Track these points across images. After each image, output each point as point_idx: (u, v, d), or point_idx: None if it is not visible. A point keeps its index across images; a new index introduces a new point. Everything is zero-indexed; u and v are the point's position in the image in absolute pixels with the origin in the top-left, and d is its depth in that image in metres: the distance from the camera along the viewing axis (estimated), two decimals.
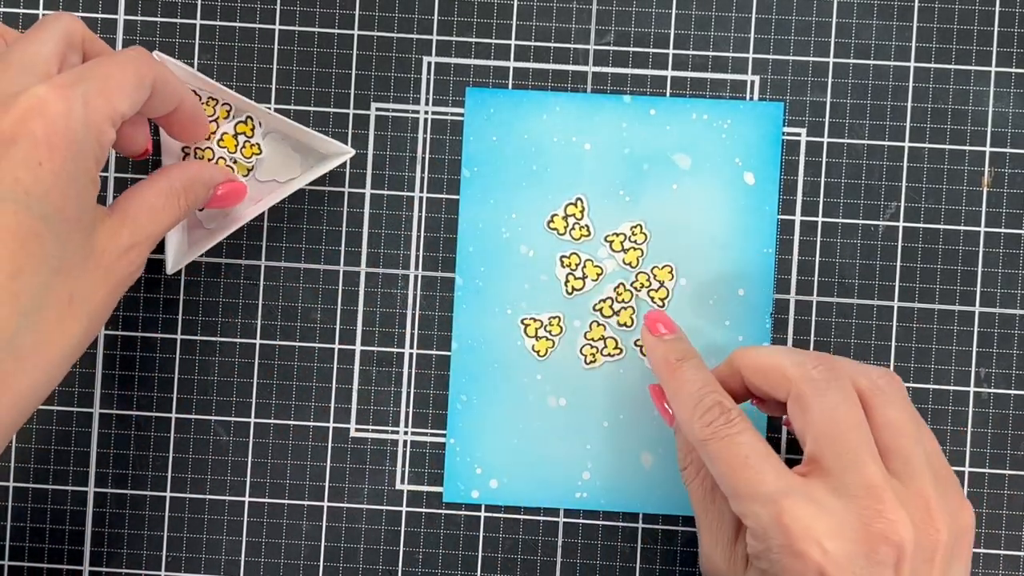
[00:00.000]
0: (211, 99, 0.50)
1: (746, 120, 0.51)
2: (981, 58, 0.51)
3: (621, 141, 0.51)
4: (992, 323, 0.51)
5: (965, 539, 0.42)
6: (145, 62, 0.42)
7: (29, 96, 0.38)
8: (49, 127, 0.38)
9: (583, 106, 0.51)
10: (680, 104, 0.51)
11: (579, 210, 0.51)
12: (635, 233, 0.51)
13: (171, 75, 0.44)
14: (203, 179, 0.46)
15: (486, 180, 0.51)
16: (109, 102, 0.40)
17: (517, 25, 0.51)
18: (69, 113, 0.38)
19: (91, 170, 0.40)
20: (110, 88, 0.40)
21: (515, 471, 0.50)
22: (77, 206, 0.39)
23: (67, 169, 0.38)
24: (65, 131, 0.38)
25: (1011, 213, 0.51)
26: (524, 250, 0.51)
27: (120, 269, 0.42)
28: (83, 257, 0.40)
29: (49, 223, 0.38)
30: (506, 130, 0.51)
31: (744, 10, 0.51)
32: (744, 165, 0.51)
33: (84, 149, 0.39)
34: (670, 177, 0.51)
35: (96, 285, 0.41)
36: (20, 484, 0.51)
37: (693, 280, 0.50)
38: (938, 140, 0.51)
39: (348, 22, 0.51)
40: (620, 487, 0.50)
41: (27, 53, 0.40)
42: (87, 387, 0.51)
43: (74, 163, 0.38)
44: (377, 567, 0.51)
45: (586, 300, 0.51)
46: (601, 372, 0.50)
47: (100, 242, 0.41)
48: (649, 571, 0.51)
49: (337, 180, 0.51)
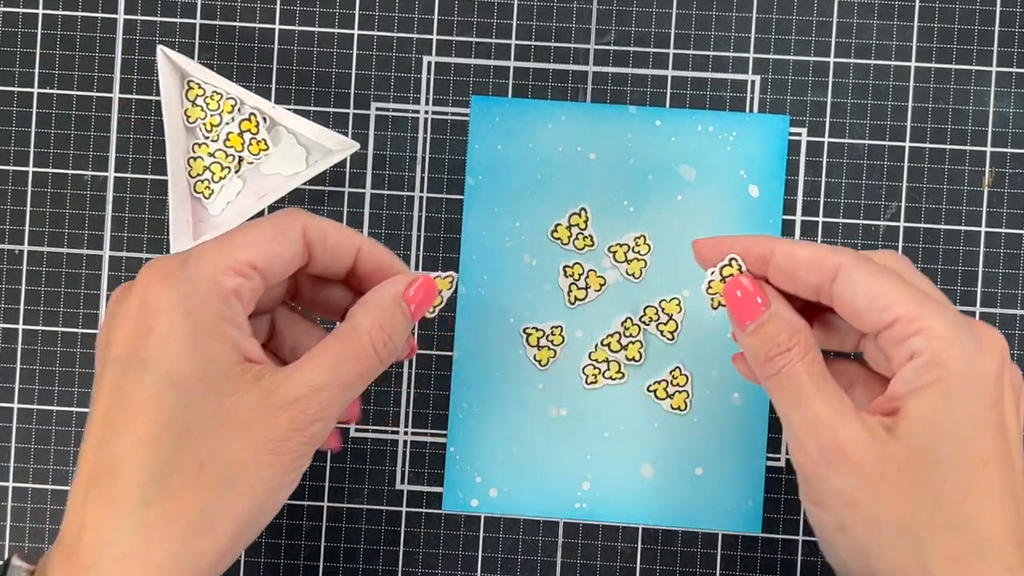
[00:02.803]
0: (215, 93, 0.50)
1: (751, 132, 0.51)
2: (982, 58, 0.51)
3: (626, 152, 0.51)
4: (993, 323, 0.50)
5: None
6: (290, 214, 0.40)
7: (144, 268, 0.38)
8: (157, 292, 0.37)
9: (588, 116, 0.51)
10: (685, 116, 0.51)
11: (583, 220, 0.51)
12: (638, 244, 0.51)
13: (335, 225, 0.41)
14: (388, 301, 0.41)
15: (490, 188, 0.51)
16: (225, 252, 0.38)
17: (517, 25, 0.51)
18: (172, 272, 0.37)
19: (214, 327, 0.37)
20: (229, 240, 0.39)
21: (515, 481, 0.50)
22: (197, 366, 0.37)
23: (179, 330, 0.37)
24: (172, 294, 0.37)
25: (1012, 213, 0.51)
26: (527, 259, 0.51)
27: (272, 428, 0.38)
28: (214, 420, 0.37)
29: (167, 386, 0.37)
30: (511, 139, 0.51)
31: (744, 10, 0.51)
32: (749, 177, 0.51)
33: (199, 307, 0.37)
34: (674, 188, 0.51)
35: (236, 449, 0.37)
36: (20, 484, 0.51)
37: (696, 292, 0.50)
38: (939, 140, 0.51)
39: (348, 22, 0.51)
40: (620, 498, 0.50)
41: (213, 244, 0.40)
42: (87, 387, 0.51)
43: (186, 323, 0.37)
44: (377, 567, 0.51)
45: (589, 315, 0.50)
46: (601, 392, 0.50)
47: (245, 402, 0.38)
48: (649, 571, 0.51)
49: (337, 180, 0.51)
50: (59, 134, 0.51)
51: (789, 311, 0.42)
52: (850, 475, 0.39)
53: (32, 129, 0.51)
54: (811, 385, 0.40)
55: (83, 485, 0.37)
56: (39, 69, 0.51)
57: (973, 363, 0.39)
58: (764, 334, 0.41)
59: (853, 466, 0.39)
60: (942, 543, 0.38)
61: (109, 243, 0.51)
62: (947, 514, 0.38)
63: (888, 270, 0.40)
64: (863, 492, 0.39)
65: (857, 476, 0.39)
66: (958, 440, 0.38)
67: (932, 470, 0.38)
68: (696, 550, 0.50)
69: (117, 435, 0.37)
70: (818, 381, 0.40)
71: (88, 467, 0.37)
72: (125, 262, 0.51)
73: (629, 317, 0.50)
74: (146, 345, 0.37)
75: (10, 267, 0.51)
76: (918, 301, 0.39)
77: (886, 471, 0.38)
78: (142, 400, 0.37)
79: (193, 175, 0.50)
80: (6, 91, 0.51)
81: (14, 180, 0.51)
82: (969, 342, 0.39)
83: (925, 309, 0.39)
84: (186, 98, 0.50)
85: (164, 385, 0.37)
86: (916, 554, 0.39)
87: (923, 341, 0.39)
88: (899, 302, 0.39)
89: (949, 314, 0.39)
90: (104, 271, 0.51)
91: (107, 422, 0.37)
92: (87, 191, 0.51)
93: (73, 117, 0.51)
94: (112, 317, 0.39)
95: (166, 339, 0.37)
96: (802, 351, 0.40)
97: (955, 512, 0.38)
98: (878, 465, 0.38)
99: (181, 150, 0.50)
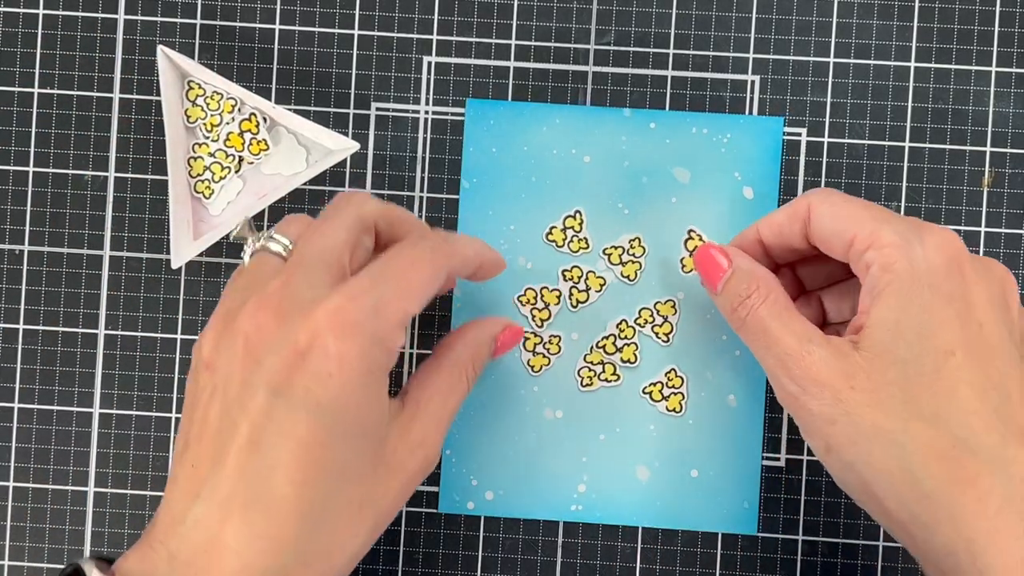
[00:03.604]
0: (216, 93, 0.50)
1: (746, 134, 0.51)
2: (981, 58, 0.51)
3: (621, 154, 0.51)
4: None
5: None
6: (443, 253, 0.42)
7: (323, 310, 0.38)
8: (340, 342, 0.38)
9: (583, 119, 0.51)
10: (680, 118, 0.51)
11: (578, 223, 0.51)
12: (633, 246, 0.51)
13: (465, 251, 0.44)
14: (485, 340, 0.45)
15: (485, 191, 0.51)
16: (401, 307, 0.39)
17: (517, 25, 0.51)
18: (360, 328, 0.38)
19: (381, 378, 0.39)
20: (403, 292, 0.40)
21: (510, 483, 0.50)
22: (366, 414, 0.39)
23: (357, 380, 0.38)
24: (355, 345, 0.38)
25: (1011, 213, 0.51)
26: (523, 262, 0.51)
27: (411, 466, 0.41)
28: (372, 463, 0.40)
29: (338, 432, 0.38)
30: (506, 142, 0.51)
31: (744, 10, 0.51)
32: (743, 179, 0.51)
33: (375, 360, 0.39)
34: (669, 191, 0.51)
35: (386, 488, 0.40)
36: (20, 484, 0.51)
37: (691, 293, 0.50)
38: (938, 140, 0.51)
39: (348, 22, 0.51)
40: (616, 500, 0.50)
41: (319, 249, 0.40)
42: (87, 387, 0.51)
43: (364, 374, 0.38)
44: (377, 567, 0.51)
45: (584, 318, 0.50)
46: (597, 394, 0.50)
47: (390, 443, 0.41)
48: (649, 571, 0.51)
49: (337, 180, 0.51)
50: (59, 134, 0.51)
51: (750, 263, 0.45)
52: (823, 396, 0.41)
53: (32, 129, 0.51)
54: (775, 323, 0.42)
55: (217, 506, 0.37)
56: (39, 69, 0.51)
57: (918, 261, 0.40)
58: (729, 289, 0.44)
59: (824, 387, 0.41)
60: (920, 441, 0.39)
61: (109, 243, 0.51)
62: (919, 411, 0.39)
63: (851, 198, 0.43)
64: (837, 409, 0.40)
65: (829, 395, 0.40)
66: (915, 336, 0.40)
67: (896, 371, 0.40)
68: (696, 550, 0.50)
69: (273, 470, 0.37)
70: (782, 319, 0.42)
71: (226, 489, 0.37)
72: (125, 262, 0.51)
73: (624, 319, 0.50)
74: (324, 390, 0.37)
75: (10, 267, 0.51)
76: (874, 219, 0.42)
77: (855, 383, 0.40)
78: (306, 439, 0.37)
79: (193, 175, 0.50)
80: (6, 91, 0.51)
81: (14, 180, 0.51)
82: (916, 242, 0.41)
83: (877, 224, 0.41)
84: (186, 98, 0.50)
85: (333, 430, 0.38)
86: (898, 457, 0.40)
87: (874, 252, 0.41)
88: (857, 222, 0.42)
89: (899, 223, 0.41)
90: (104, 271, 0.51)
91: (260, 452, 0.37)
92: (87, 191, 0.51)
93: (73, 117, 0.51)
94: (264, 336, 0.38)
95: (343, 388, 0.38)
96: (762, 295, 0.43)
97: (927, 408, 0.39)
98: (847, 379, 0.40)
99: (181, 150, 0.50)
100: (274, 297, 0.39)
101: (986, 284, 0.41)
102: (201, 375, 0.39)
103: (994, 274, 0.42)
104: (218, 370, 0.39)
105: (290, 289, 0.39)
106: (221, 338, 0.39)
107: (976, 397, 0.39)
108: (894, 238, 0.41)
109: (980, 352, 0.40)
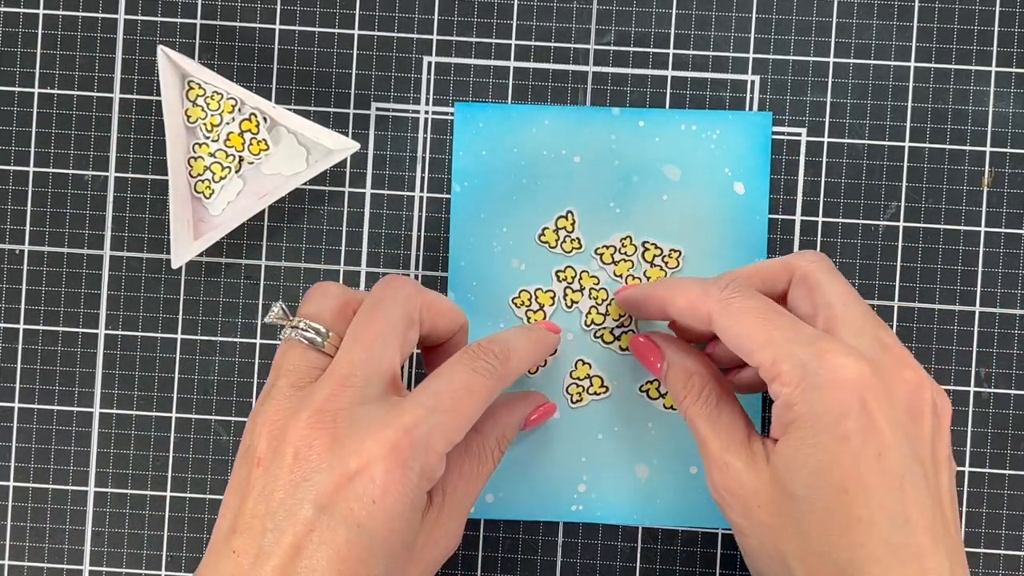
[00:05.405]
0: (216, 93, 0.50)
1: (735, 130, 0.51)
2: (981, 58, 0.51)
3: (611, 153, 0.51)
4: (992, 323, 0.51)
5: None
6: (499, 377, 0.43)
7: (377, 442, 0.39)
8: (388, 474, 0.39)
9: (572, 119, 0.51)
10: (669, 115, 0.51)
11: (570, 223, 0.51)
12: (625, 245, 0.51)
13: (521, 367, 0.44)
14: (514, 423, 0.47)
15: (476, 194, 0.51)
16: (450, 440, 0.41)
17: (517, 25, 0.51)
18: (409, 464, 0.39)
19: (420, 501, 0.40)
20: (454, 424, 0.41)
21: (510, 485, 0.50)
22: (404, 534, 0.40)
23: (397, 509, 0.39)
24: (402, 478, 0.39)
25: (1011, 213, 0.51)
26: (516, 264, 0.51)
27: (435, 556, 0.43)
28: (404, 568, 0.41)
29: (375, 551, 0.39)
30: (496, 144, 0.51)
31: (744, 10, 0.51)
32: (733, 175, 0.51)
33: (418, 490, 0.40)
34: (660, 188, 0.51)
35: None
36: (20, 484, 0.51)
37: None
38: (938, 140, 0.51)
39: (348, 22, 0.51)
40: (616, 499, 0.50)
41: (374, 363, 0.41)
42: (87, 387, 0.51)
43: (406, 504, 0.39)
44: None
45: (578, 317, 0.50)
46: (588, 408, 0.50)
47: (420, 541, 0.42)
48: (649, 570, 0.51)
49: (337, 180, 0.51)
50: (59, 134, 0.51)
51: (681, 355, 0.46)
52: (735, 507, 0.43)
53: (32, 129, 0.51)
54: (703, 424, 0.44)
55: None
56: (39, 69, 0.51)
57: (815, 403, 0.40)
58: (668, 383, 0.46)
59: (737, 499, 0.42)
60: (809, 571, 0.40)
61: (109, 243, 0.51)
62: (809, 545, 0.40)
63: (751, 310, 0.42)
64: (746, 522, 0.42)
65: (740, 508, 0.42)
66: (809, 474, 0.40)
67: (791, 504, 0.41)
68: (696, 549, 0.50)
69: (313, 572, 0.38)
70: (711, 419, 0.44)
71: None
72: (125, 262, 0.51)
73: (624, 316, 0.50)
74: (366, 514, 0.39)
75: (10, 267, 0.51)
76: (772, 344, 0.41)
77: (761, 503, 0.42)
78: (344, 554, 0.38)
79: (193, 175, 0.50)
80: (6, 91, 0.52)
81: (14, 180, 0.51)
82: (814, 382, 0.40)
83: (779, 353, 0.41)
84: (186, 98, 0.50)
85: (371, 548, 0.39)
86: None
87: (778, 387, 0.41)
88: (757, 348, 0.42)
89: (801, 353, 0.41)
90: (104, 271, 0.51)
91: (301, 557, 0.38)
92: (87, 191, 0.51)
93: (73, 117, 0.51)
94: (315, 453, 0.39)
95: (385, 514, 0.39)
96: (695, 395, 0.45)
97: (816, 543, 0.40)
98: (754, 498, 0.42)
99: (181, 150, 0.50)
100: (327, 415, 0.40)
101: (888, 409, 0.40)
102: (253, 469, 0.40)
103: (900, 394, 0.41)
104: (268, 471, 0.40)
105: (343, 405, 0.40)
106: (274, 440, 0.40)
107: (865, 531, 0.39)
108: (793, 376, 0.41)
109: (875, 484, 0.40)
